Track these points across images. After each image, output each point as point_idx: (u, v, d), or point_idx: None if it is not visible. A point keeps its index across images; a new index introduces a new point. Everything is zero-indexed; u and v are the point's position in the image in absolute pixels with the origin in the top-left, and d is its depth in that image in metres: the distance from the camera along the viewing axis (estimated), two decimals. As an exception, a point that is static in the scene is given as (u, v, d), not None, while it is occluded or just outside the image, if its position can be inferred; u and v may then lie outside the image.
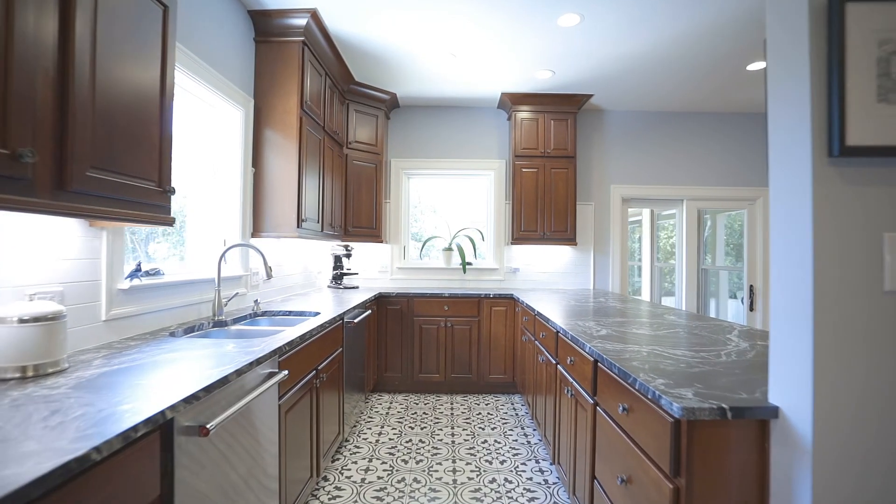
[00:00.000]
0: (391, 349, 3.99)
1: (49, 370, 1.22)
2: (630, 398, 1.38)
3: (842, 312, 0.95)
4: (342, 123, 3.93)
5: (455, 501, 2.27)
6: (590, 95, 4.16)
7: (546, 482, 2.48)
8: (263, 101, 2.91)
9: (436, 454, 2.81)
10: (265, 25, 2.87)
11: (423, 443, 2.97)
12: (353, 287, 4.27)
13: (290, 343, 1.78)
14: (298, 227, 2.91)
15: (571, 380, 2.07)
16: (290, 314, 2.69)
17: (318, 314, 2.61)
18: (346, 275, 4.26)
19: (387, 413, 3.50)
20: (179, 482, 1.05)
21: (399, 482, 2.45)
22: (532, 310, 3.04)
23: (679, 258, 4.74)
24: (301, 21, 2.83)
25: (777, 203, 1.06)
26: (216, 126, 2.67)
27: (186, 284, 2.20)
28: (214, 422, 1.14)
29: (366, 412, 3.52)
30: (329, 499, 2.28)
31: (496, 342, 3.97)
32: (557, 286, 4.61)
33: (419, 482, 2.46)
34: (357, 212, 4.13)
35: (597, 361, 1.72)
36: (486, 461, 2.72)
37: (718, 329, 2.14)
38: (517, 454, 2.83)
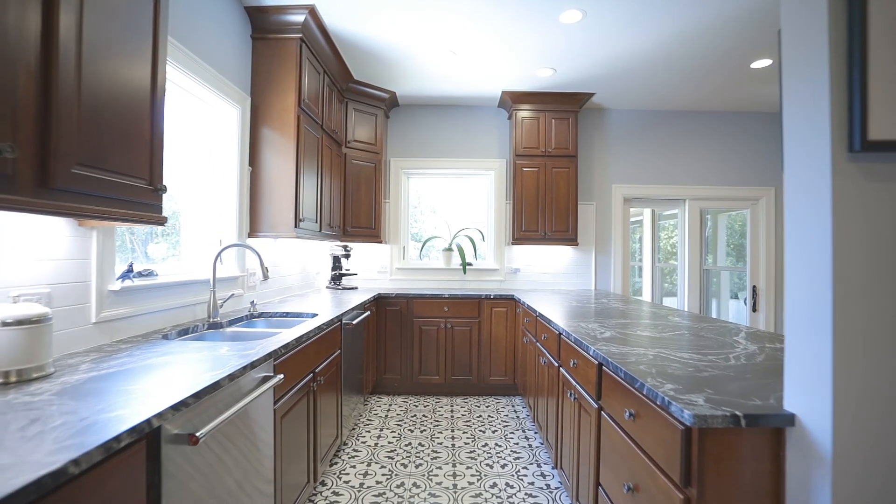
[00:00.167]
0: (390, 350, 3.94)
1: (33, 375, 1.17)
2: (637, 403, 1.33)
3: (863, 314, 0.91)
4: (341, 122, 3.88)
5: (455, 507, 2.23)
6: (591, 94, 4.11)
7: (548, 487, 2.43)
8: (261, 99, 2.86)
9: (436, 458, 2.76)
10: (262, 22, 2.82)
11: (423, 446, 2.92)
12: (352, 288, 4.22)
13: (286, 346, 1.74)
14: (296, 227, 2.86)
15: (574, 383, 2.02)
16: (288, 316, 2.64)
17: (316, 315, 2.57)
18: (345, 275, 4.21)
19: (386, 415, 3.46)
20: (167, 495, 1.00)
21: (398, 487, 2.40)
22: (533, 311, 3.00)
23: (681, 258, 4.69)
24: (299, 18, 2.78)
25: (793, 200, 1.02)
26: (212, 124, 2.62)
27: (181, 285, 2.15)
28: (204, 429, 1.09)
29: (365, 414, 3.47)
30: (327, 504, 2.23)
31: (497, 343, 3.92)
32: (559, 287, 4.57)
33: (419, 487, 2.41)
34: (356, 212, 4.08)
35: (601, 365, 1.68)
36: (487, 465, 2.67)
37: (724, 331, 2.09)
38: (518, 458, 2.78)
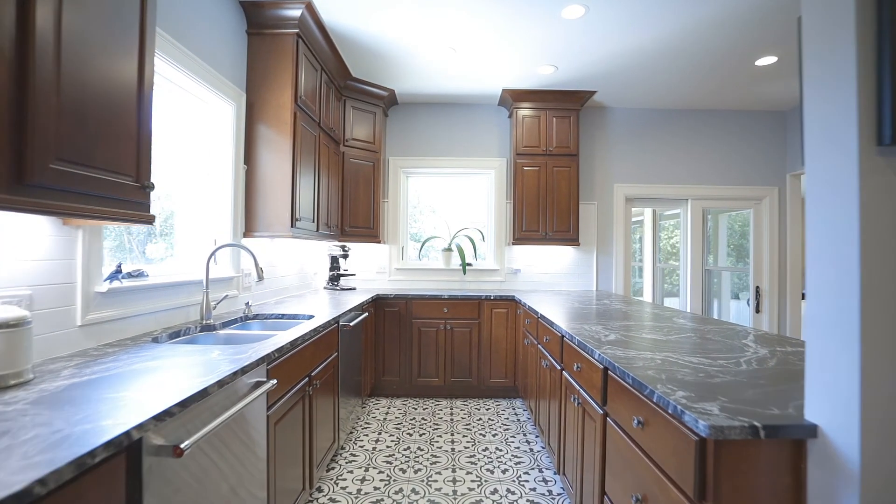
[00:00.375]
0: (389, 352, 3.88)
1: (10, 382, 1.11)
2: (646, 411, 1.27)
3: (894, 317, 0.85)
4: (339, 120, 3.82)
5: (455, 514, 2.17)
6: (593, 92, 4.06)
7: (550, 493, 2.37)
8: (256, 96, 2.80)
9: (435, 462, 2.70)
10: (258, 17, 2.76)
11: (422, 450, 2.86)
12: (351, 288, 4.16)
13: (280, 350, 1.67)
14: (292, 227, 2.80)
15: (578, 387, 1.96)
16: (283, 317, 2.58)
17: (313, 317, 2.50)
18: (343, 276, 4.15)
19: (384, 418, 3.39)
20: (149, 510, 0.94)
21: (396, 493, 2.34)
22: (535, 312, 2.94)
23: (683, 259, 4.63)
24: (295, 13, 2.72)
25: (815, 198, 0.96)
26: (207, 121, 2.56)
27: (173, 286, 2.09)
28: (190, 440, 1.03)
29: (363, 417, 3.41)
30: (323, 512, 2.17)
31: (497, 345, 3.86)
32: (559, 287, 4.51)
33: (417, 493, 2.35)
34: (354, 211, 4.02)
35: (607, 369, 1.62)
36: (488, 470, 2.61)
37: (732, 333, 2.03)
38: (520, 462, 2.72)
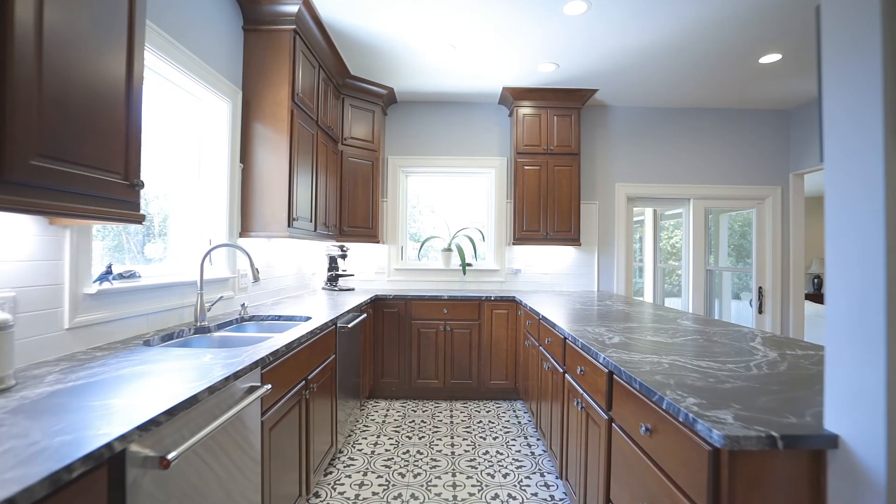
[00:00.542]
0: (388, 354, 3.83)
1: (-10, 389, 1.06)
2: (654, 418, 1.23)
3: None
4: (337, 119, 3.77)
5: (455, 521, 2.12)
6: (594, 90, 4.01)
7: (552, 498, 2.32)
8: (252, 93, 2.75)
9: (435, 466, 2.65)
10: (254, 13, 2.71)
11: (422, 454, 2.81)
12: (349, 289, 4.11)
13: (275, 353, 1.63)
14: (289, 227, 2.75)
15: (581, 391, 1.92)
16: (280, 319, 2.53)
17: (310, 319, 2.45)
18: (342, 276, 4.10)
19: (383, 421, 3.34)
20: (133, 525, 0.89)
21: (395, 499, 2.29)
22: (536, 314, 2.89)
23: (685, 259, 4.59)
24: (292, 8, 2.67)
25: (835, 192, 0.91)
26: (202, 119, 2.51)
27: (166, 287, 2.04)
28: (178, 450, 0.98)
29: (361, 420, 3.36)
30: (320, 518, 2.13)
31: (497, 346, 3.82)
32: (560, 288, 4.46)
33: (417, 499, 2.30)
34: (353, 211, 3.97)
35: (612, 373, 1.57)
36: (488, 474, 2.57)
37: (739, 335, 1.98)
38: (521, 466, 2.67)
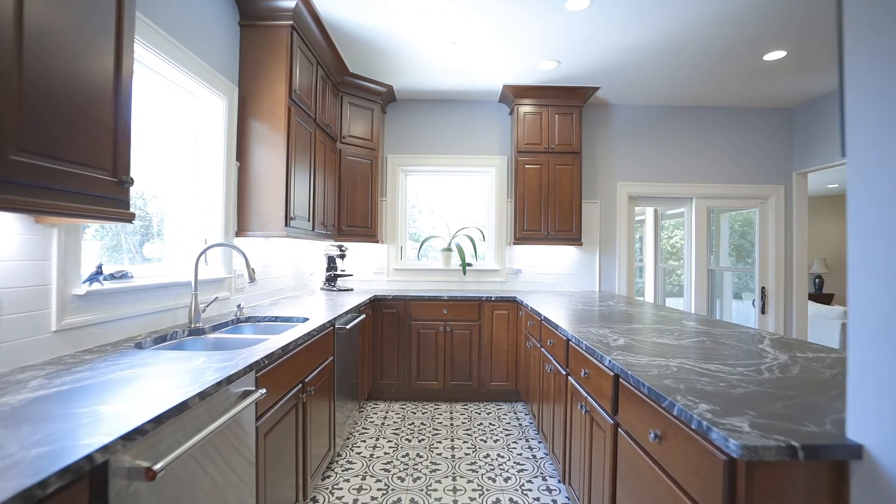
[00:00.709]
0: (387, 355, 3.78)
1: (-31, 395, 1.01)
2: (664, 424, 1.18)
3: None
4: (335, 116, 3.72)
5: (456, 527, 2.07)
6: (596, 88, 3.96)
7: (555, 503, 2.28)
8: (249, 90, 2.70)
9: (435, 470, 2.60)
10: (250, 8, 2.66)
11: (421, 457, 2.76)
12: (348, 289, 4.06)
13: (271, 356, 1.58)
14: (287, 226, 2.70)
15: (585, 394, 1.87)
16: (277, 320, 2.48)
17: (307, 320, 2.41)
18: (340, 276, 4.05)
19: (382, 423, 3.30)
20: (116, 541, 0.84)
21: (395, 504, 2.25)
22: (538, 314, 2.84)
23: (687, 258, 4.54)
24: (290, 3, 2.62)
25: (858, 185, 0.86)
26: (197, 116, 2.46)
27: (160, 288, 1.99)
28: (165, 460, 0.93)
29: (360, 422, 3.31)
30: (317, 524, 2.08)
31: (498, 348, 3.77)
32: (562, 288, 4.41)
33: (416, 504, 2.25)
34: (351, 210, 3.92)
35: (618, 377, 1.52)
36: (489, 478, 2.52)
37: (746, 337, 1.94)
38: (522, 470, 2.62)
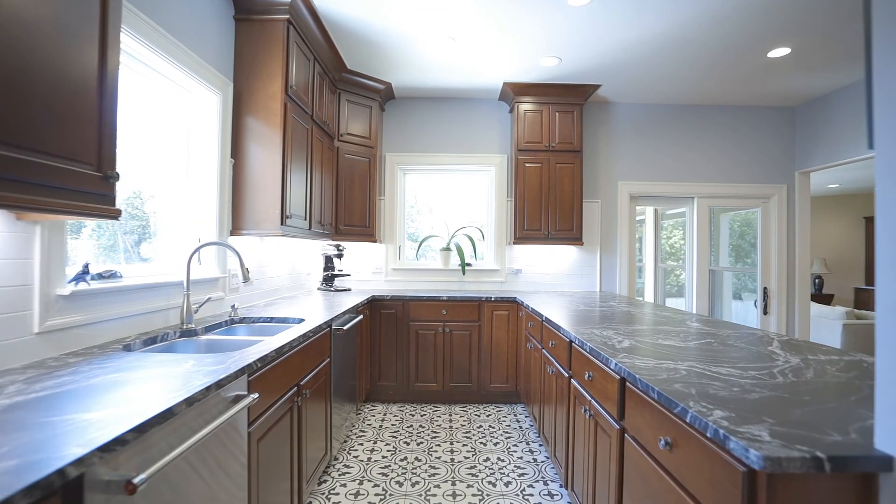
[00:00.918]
0: (385, 356, 3.72)
1: (-60, 402, 0.95)
2: (675, 431, 1.13)
3: None
4: (333, 114, 3.66)
5: (456, 533, 2.01)
6: (597, 86, 3.91)
7: (557, 509, 2.22)
8: (244, 86, 2.64)
9: (433, 475, 2.55)
10: (246, 2, 2.59)
11: (420, 461, 2.71)
12: (346, 289, 4.00)
13: (264, 358, 1.52)
14: (282, 225, 2.64)
15: (589, 398, 1.81)
16: (272, 321, 2.42)
17: (303, 321, 2.35)
18: (338, 276, 3.99)
19: (380, 426, 3.24)
20: (93, 560, 0.79)
21: (393, 510, 2.19)
22: (539, 315, 2.79)
23: (689, 258, 4.50)
24: (285, -3, 2.56)
25: (888, 179, 0.81)
26: (191, 112, 2.40)
27: (151, 288, 1.93)
28: (147, 472, 0.87)
29: (357, 425, 3.25)
30: (313, 531, 2.02)
31: (498, 349, 3.71)
32: (562, 288, 4.36)
33: (415, 510, 2.19)
34: (349, 209, 3.86)
35: (625, 380, 1.47)
36: (490, 483, 2.46)
37: (754, 339, 1.88)
38: (523, 474, 2.57)
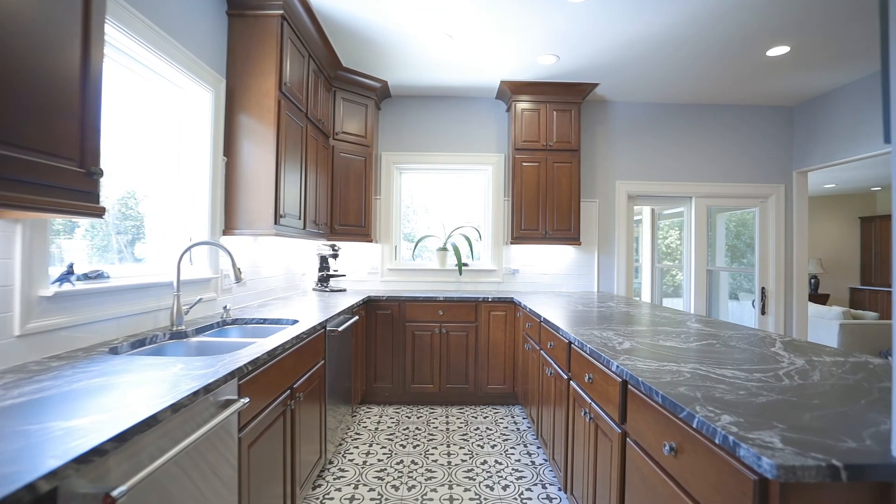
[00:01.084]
0: (381, 358, 3.67)
1: None
2: (680, 435, 1.09)
3: None
4: (328, 112, 3.61)
5: (453, 539, 1.97)
6: (595, 84, 3.88)
7: (556, 513, 2.19)
8: (237, 82, 2.59)
9: (430, 478, 2.50)
10: (239, -3, 2.55)
11: (416, 464, 2.66)
12: (341, 290, 3.95)
13: (255, 361, 1.47)
14: (276, 224, 2.59)
15: (590, 400, 1.78)
16: (265, 322, 2.37)
17: (297, 322, 2.30)
18: (333, 276, 3.94)
19: (376, 429, 3.19)
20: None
21: (388, 515, 2.14)
22: (537, 316, 2.75)
23: (687, 258, 4.48)
24: (279, -8, 2.51)
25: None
26: (182, 109, 2.35)
27: (140, 289, 1.88)
28: (127, 484, 0.82)
29: (353, 427, 3.20)
30: (307, 537, 1.97)
31: (495, 350, 3.67)
32: (560, 289, 4.33)
33: (411, 514, 2.15)
34: (344, 208, 3.82)
35: (626, 383, 1.43)
36: (487, 486, 2.42)
37: (756, 340, 1.85)
38: (521, 477, 2.53)
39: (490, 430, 3.19)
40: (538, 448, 2.91)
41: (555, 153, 3.96)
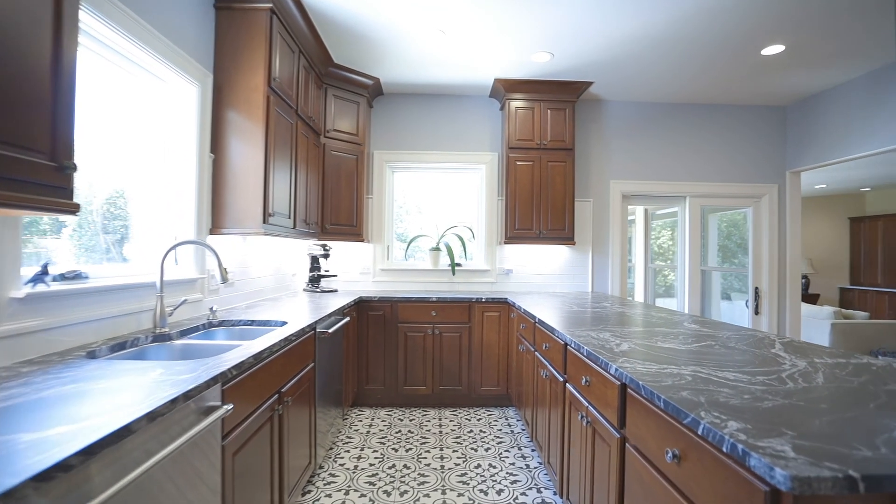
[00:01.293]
0: (373, 359, 3.61)
1: None
2: (684, 442, 1.05)
3: None
4: (319, 109, 3.54)
5: (446, 546, 1.92)
6: (589, 83, 3.85)
7: (551, 518, 2.14)
8: (225, 77, 2.52)
9: (423, 483, 2.45)
10: (226, -11, 2.48)
11: (409, 468, 2.61)
12: (332, 290, 3.88)
13: (240, 365, 1.41)
14: (265, 223, 2.52)
15: (587, 404, 1.73)
16: (253, 324, 2.30)
17: (286, 324, 2.23)
18: (324, 277, 3.87)
19: (367, 432, 3.13)
20: None
21: (380, 522, 2.09)
22: (532, 317, 2.71)
23: (681, 258, 4.46)
24: (268, -16, 2.45)
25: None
26: (167, 104, 2.27)
27: (121, 290, 1.80)
28: (96, 500, 0.76)
29: (344, 431, 3.14)
30: (296, 546, 1.91)
31: (489, 351, 3.63)
32: (554, 289, 4.29)
33: (404, 521, 2.10)
34: (336, 207, 3.75)
35: (626, 386, 1.39)
36: (481, 491, 2.37)
37: (755, 341, 1.82)
38: (516, 481, 2.48)
39: (484, 433, 3.14)
40: (533, 451, 2.87)
41: (549, 152, 3.92)
